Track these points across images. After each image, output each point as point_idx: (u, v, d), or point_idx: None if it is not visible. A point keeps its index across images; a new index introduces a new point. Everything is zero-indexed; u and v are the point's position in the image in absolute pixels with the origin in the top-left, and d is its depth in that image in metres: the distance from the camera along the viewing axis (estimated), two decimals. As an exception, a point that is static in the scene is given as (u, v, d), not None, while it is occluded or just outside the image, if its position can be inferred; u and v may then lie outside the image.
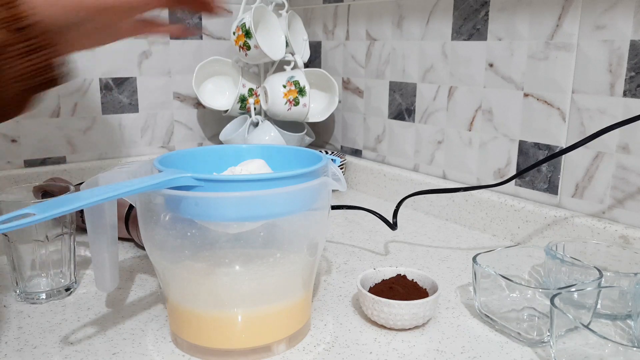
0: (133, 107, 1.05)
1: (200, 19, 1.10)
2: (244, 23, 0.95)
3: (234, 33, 0.98)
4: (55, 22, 0.41)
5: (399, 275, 0.57)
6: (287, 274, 0.48)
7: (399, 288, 0.54)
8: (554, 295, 0.46)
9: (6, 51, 0.39)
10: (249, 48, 0.95)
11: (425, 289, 0.55)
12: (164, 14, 1.04)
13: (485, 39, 0.78)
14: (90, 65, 0.99)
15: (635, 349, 0.40)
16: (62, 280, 0.58)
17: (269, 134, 0.98)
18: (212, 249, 0.48)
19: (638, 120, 0.59)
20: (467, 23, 0.81)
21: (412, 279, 0.56)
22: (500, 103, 0.78)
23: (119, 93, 1.03)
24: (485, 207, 0.79)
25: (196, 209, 0.43)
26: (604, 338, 0.41)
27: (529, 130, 0.75)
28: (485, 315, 0.53)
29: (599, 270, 0.51)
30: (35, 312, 0.55)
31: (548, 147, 0.73)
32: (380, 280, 0.57)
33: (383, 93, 0.97)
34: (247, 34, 0.94)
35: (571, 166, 0.70)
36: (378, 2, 0.95)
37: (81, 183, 0.51)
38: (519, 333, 0.50)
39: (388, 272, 0.58)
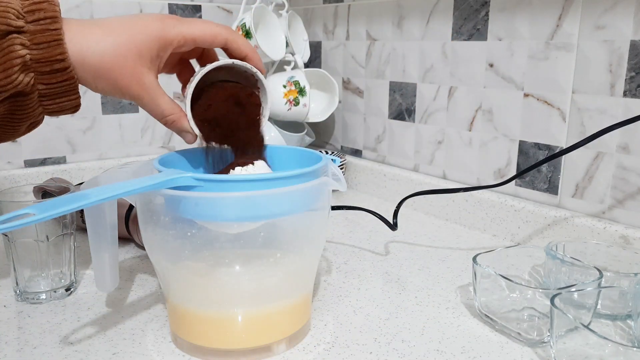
0: (133, 107, 1.05)
1: (200, 19, 1.09)
2: (244, 23, 0.95)
3: (234, 33, 0.98)
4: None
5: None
6: (287, 274, 0.48)
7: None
8: (554, 296, 0.46)
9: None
10: (249, 48, 0.95)
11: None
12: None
13: (485, 39, 0.78)
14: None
15: (635, 349, 0.40)
16: (62, 280, 0.58)
17: (269, 134, 0.98)
18: (212, 249, 0.48)
19: (638, 120, 0.59)
20: (467, 23, 0.81)
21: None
22: (501, 103, 0.78)
23: (119, 93, 1.03)
24: (485, 207, 0.79)
25: (196, 209, 0.43)
26: (604, 338, 0.41)
27: (529, 130, 0.75)
28: (486, 315, 0.53)
29: (599, 270, 0.51)
30: (35, 312, 0.55)
31: (548, 147, 0.73)
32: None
33: (383, 93, 0.97)
34: (247, 34, 0.94)
35: (571, 166, 0.70)
36: (378, 2, 0.95)
37: (81, 183, 0.51)
38: (519, 333, 0.50)
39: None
